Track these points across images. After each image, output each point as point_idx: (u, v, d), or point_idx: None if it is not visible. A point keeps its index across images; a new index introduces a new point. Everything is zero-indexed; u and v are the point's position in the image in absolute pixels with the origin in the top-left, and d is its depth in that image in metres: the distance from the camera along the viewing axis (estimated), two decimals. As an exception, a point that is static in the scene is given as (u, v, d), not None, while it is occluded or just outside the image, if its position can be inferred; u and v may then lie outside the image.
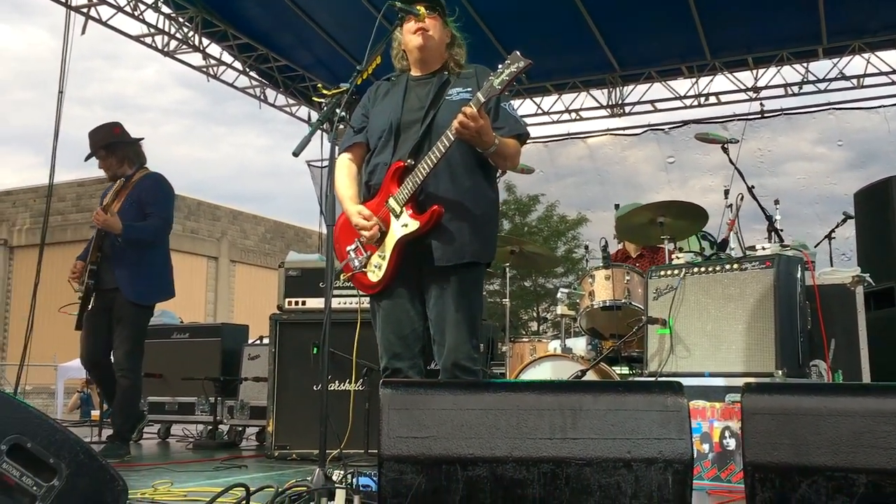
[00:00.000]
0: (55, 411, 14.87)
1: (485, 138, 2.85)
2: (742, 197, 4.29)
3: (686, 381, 2.16)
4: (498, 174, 3.44)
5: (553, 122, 10.34)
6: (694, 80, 9.43)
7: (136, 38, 8.68)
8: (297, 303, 4.96)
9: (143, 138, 5.01)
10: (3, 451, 2.17)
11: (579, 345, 5.36)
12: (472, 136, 2.82)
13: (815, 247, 5.66)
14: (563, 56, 8.91)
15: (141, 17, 8.46)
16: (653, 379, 3.94)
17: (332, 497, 2.33)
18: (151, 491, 3.16)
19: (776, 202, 4.63)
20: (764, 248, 4.01)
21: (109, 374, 4.75)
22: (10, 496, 2.17)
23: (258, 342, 6.13)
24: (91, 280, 4.68)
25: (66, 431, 2.31)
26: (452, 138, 2.83)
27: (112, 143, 4.84)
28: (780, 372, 3.63)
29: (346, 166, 3.16)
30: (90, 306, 4.72)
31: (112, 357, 4.71)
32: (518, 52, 2.78)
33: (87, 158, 4.89)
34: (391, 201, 2.96)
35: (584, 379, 4.32)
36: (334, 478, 2.69)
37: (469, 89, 3.01)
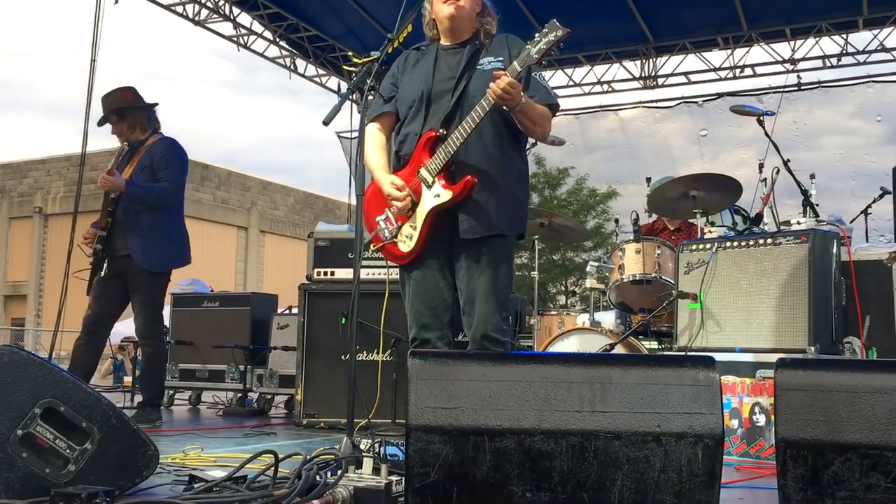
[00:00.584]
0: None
1: (516, 98, 2.82)
2: (778, 171, 4.21)
3: (716, 357, 2.13)
4: (528, 146, 3.41)
5: (584, 94, 10.22)
6: (729, 51, 9.26)
7: (168, 7, 8.69)
8: (325, 273, 4.97)
9: (157, 103, 4.88)
10: (38, 415, 2.21)
11: (608, 318, 5.33)
12: (513, 100, 2.79)
13: (851, 222, 5.56)
14: (596, 26, 8.76)
15: (172, -15, 8.47)
16: (684, 353, 3.91)
17: (359, 465, 2.34)
18: (182, 456, 3.21)
19: (812, 176, 4.54)
20: (799, 223, 3.94)
21: (102, 341, 4.69)
22: (43, 458, 2.21)
23: (287, 312, 6.18)
24: (99, 245, 4.60)
25: (98, 396, 2.34)
26: (487, 107, 2.80)
27: (123, 108, 4.73)
28: (812, 348, 3.58)
29: (375, 136, 3.14)
30: (103, 272, 4.64)
31: (133, 326, 4.68)
32: (556, 21, 2.73)
33: (101, 124, 4.80)
34: (423, 171, 2.94)
35: (613, 352, 4.30)
36: (362, 447, 2.71)
37: (500, 58, 2.97)
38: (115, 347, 14.27)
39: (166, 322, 6.74)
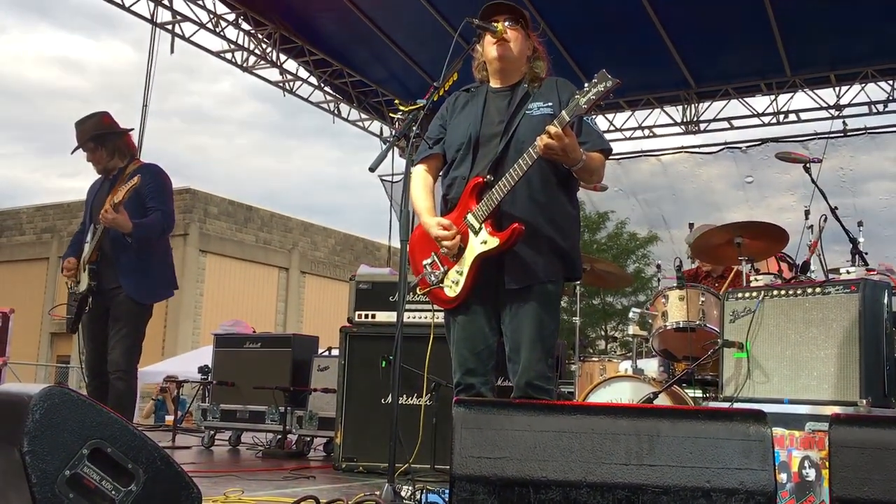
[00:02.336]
0: (132, 416, 15.22)
1: (572, 155, 2.80)
2: (825, 218, 4.15)
3: (764, 408, 2.08)
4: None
5: (626, 139, 10.22)
6: (773, 96, 9.21)
7: (217, 54, 8.94)
8: (367, 316, 4.99)
9: (132, 129, 4.76)
10: (85, 455, 2.22)
11: (651, 366, 5.25)
12: (558, 154, 2.79)
13: (901, 271, 5.43)
14: (637, 71, 8.79)
15: (222, 33, 8.72)
16: (729, 405, 3.83)
17: (401, 513, 2.32)
18: (223, 498, 3.21)
19: (860, 224, 4.46)
20: (849, 272, 3.87)
21: (108, 381, 4.39)
22: (90, 499, 2.22)
23: (327, 353, 6.20)
24: (94, 282, 4.41)
25: (144, 437, 2.35)
26: (535, 156, 2.79)
27: (102, 135, 4.54)
28: (864, 401, 3.48)
29: (422, 178, 3.15)
30: (87, 308, 4.46)
31: (108, 357, 4.36)
32: (605, 71, 2.72)
33: (74, 151, 4.60)
34: (470, 217, 2.94)
35: (656, 402, 4.23)
36: (403, 493, 2.69)
37: (549, 103, 2.97)
38: (156, 387, 14.43)
39: (208, 362, 6.82)
